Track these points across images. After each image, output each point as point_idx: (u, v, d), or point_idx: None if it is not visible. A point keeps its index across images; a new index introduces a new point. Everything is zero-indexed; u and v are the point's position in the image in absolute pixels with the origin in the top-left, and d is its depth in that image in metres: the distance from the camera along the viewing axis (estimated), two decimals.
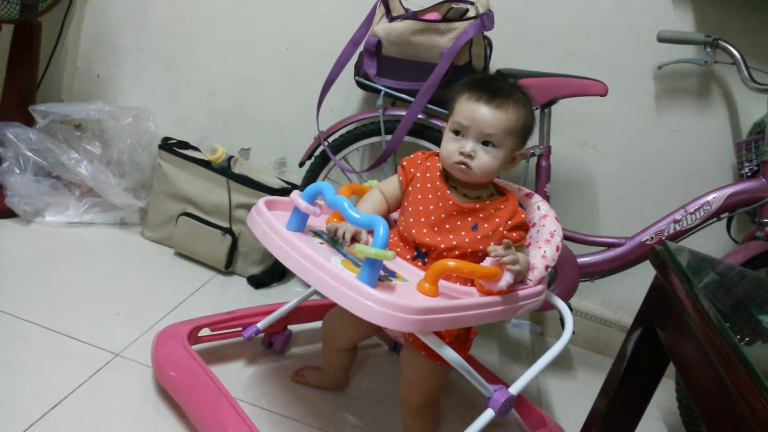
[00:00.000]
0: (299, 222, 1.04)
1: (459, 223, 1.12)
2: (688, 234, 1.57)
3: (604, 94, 1.55)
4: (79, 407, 1.12)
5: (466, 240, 1.10)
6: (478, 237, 1.10)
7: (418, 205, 1.14)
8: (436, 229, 1.11)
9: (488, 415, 1.07)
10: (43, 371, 1.20)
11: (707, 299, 0.77)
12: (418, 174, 1.18)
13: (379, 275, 0.92)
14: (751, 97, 1.67)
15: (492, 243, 1.07)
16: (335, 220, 1.11)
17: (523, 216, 1.15)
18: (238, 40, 2.01)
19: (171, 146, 1.84)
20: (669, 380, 1.79)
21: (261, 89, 2.03)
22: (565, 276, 1.59)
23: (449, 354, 0.99)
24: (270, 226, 1.02)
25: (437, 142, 1.68)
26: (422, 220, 1.12)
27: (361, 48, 1.67)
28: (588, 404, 1.13)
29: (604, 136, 1.85)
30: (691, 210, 1.55)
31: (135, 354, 1.32)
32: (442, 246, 1.10)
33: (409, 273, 1.05)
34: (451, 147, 1.11)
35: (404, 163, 1.21)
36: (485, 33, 1.63)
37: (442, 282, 0.99)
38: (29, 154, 1.81)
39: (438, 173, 1.17)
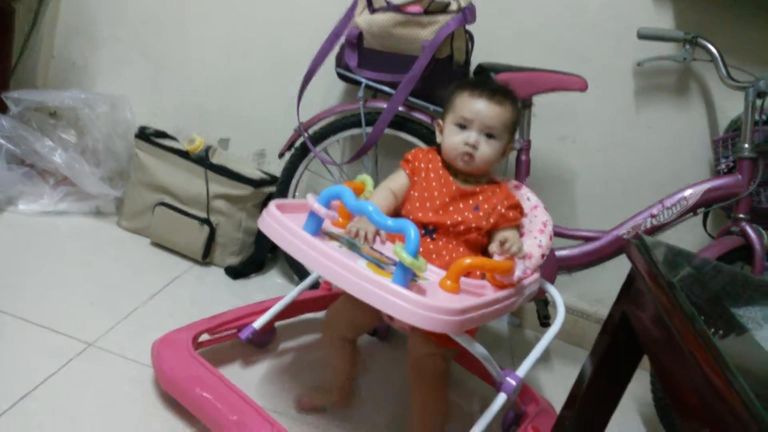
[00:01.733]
0: (316, 226, 1.03)
1: (462, 205, 1.22)
2: (665, 228, 1.59)
3: (584, 90, 1.56)
4: (50, 397, 1.10)
5: (470, 216, 1.21)
6: (481, 214, 1.21)
7: (423, 192, 1.24)
8: (441, 212, 1.21)
9: (502, 399, 1.14)
10: (13, 361, 1.17)
11: (682, 293, 0.77)
12: (422, 165, 1.28)
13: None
14: (729, 94, 1.68)
15: (492, 220, 1.20)
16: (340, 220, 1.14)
17: (516, 199, 1.26)
18: (217, 29, 1.98)
19: (148, 135, 1.82)
20: (644, 372, 1.82)
21: (241, 79, 2.01)
22: (544, 269, 1.60)
23: (478, 349, 1.07)
24: (289, 230, 1.00)
25: (418, 135, 1.67)
26: (427, 204, 1.22)
27: (342, 40, 1.66)
28: (564, 394, 1.14)
29: (584, 131, 1.86)
30: (668, 205, 1.57)
31: (109, 344, 1.30)
32: (448, 222, 1.19)
33: (427, 271, 1.05)
34: (456, 139, 1.22)
35: (408, 157, 1.30)
36: (467, 27, 1.63)
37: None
38: (2, 141, 1.78)
39: (440, 164, 1.27)
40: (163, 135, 1.88)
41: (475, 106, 1.21)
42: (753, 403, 0.55)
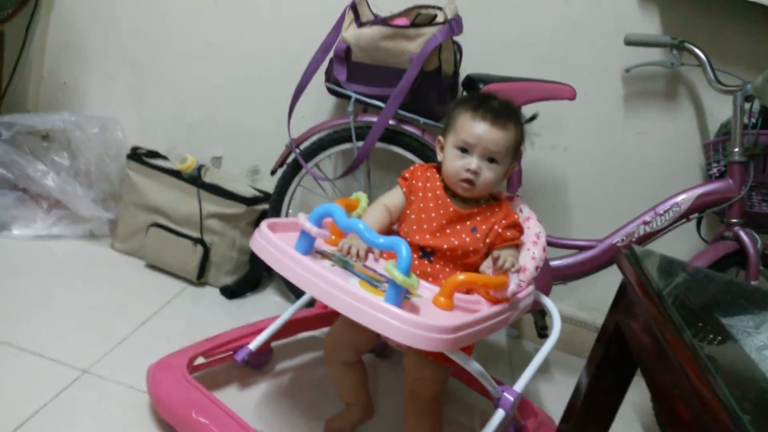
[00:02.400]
0: (307, 245, 1.03)
1: (459, 227, 1.19)
2: (658, 235, 1.59)
3: (572, 98, 1.56)
4: (45, 427, 1.10)
5: (467, 240, 1.17)
6: (478, 236, 1.18)
7: (420, 213, 1.20)
8: (438, 234, 1.18)
9: (500, 415, 1.13)
10: (6, 390, 1.16)
11: (671, 303, 0.77)
12: (420, 184, 1.24)
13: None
14: (718, 98, 1.69)
15: (488, 240, 1.18)
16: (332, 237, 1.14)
17: (515, 217, 1.23)
18: (207, 47, 1.99)
19: (140, 156, 1.82)
20: (643, 381, 1.81)
21: (232, 97, 2.01)
22: (539, 280, 1.59)
23: (474, 366, 1.06)
24: (281, 251, 1.00)
25: (409, 148, 1.67)
26: (424, 226, 1.19)
27: (331, 54, 1.66)
28: (564, 406, 1.14)
29: (575, 139, 1.87)
30: (661, 211, 1.57)
31: (103, 370, 1.29)
32: (445, 246, 1.16)
33: (421, 288, 1.04)
34: (457, 164, 1.18)
35: (406, 175, 1.27)
36: (455, 38, 1.64)
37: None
38: None
39: (438, 183, 1.23)
40: (155, 155, 1.88)
41: (478, 130, 1.16)
42: (737, 415, 0.55)
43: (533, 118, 1.28)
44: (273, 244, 1.01)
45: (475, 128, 1.16)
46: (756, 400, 0.61)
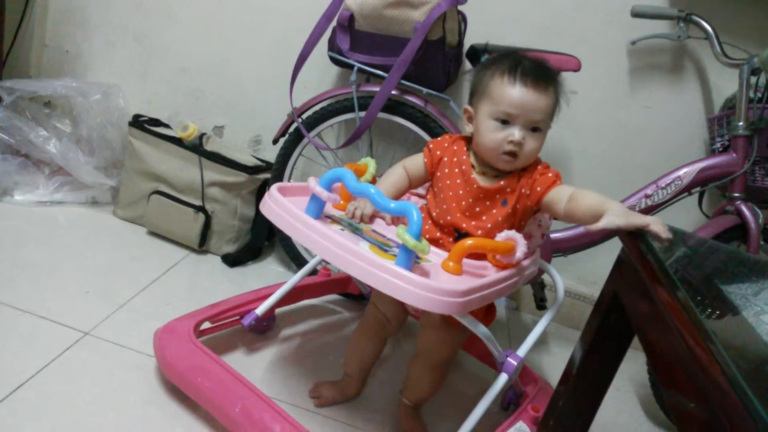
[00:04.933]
0: (317, 209, 1.02)
1: (488, 203, 1.12)
2: (659, 209, 1.58)
3: (577, 70, 1.55)
4: (46, 386, 1.11)
5: (499, 218, 1.11)
6: (510, 210, 1.12)
7: (448, 191, 1.14)
8: (467, 213, 1.12)
9: (503, 379, 1.14)
10: (8, 350, 1.18)
11: (672, 272, 0.77)
12: (445, 158, 1.17)
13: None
14: (724, 72, 1.68)
15: (518, 206, 1.11)
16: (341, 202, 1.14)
17: (540, 167, 1.13)
18: (210, 16, 1.97)
19: (142, 123, 1.81)
20: (641, 354, 1.82)
21: (235, 66, 2.00)
22: (539, 252, 1.60)
23: (481, 329, 1.06)
24: (292, 214, 1.00)
25: (412, 119, 1.66)
26: (454, 205, 1.13)
27: (334, 23, 1.65)
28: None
29: (579, 112, 1.85)
30: (663, 185, 1.56)
31: (105, 333, 1.30)
32: (479, 232, 1.11)
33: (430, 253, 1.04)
34: (497, 136, 1.08)
35: (430, 146, 1.20)
36: (459, 8, 1.62)
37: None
38: None
39: (464, 157, 1.15)
40: (157, 123, 1.87)
41: (519, 99, 1.05)
42: (733, 373, 0.55)
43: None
44: (283, 207, 1.01)
45: (515, 96, 1.06)
46: (753, 362, 0.62)
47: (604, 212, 0.99)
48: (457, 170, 1.14)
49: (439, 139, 1.21)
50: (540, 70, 1.08)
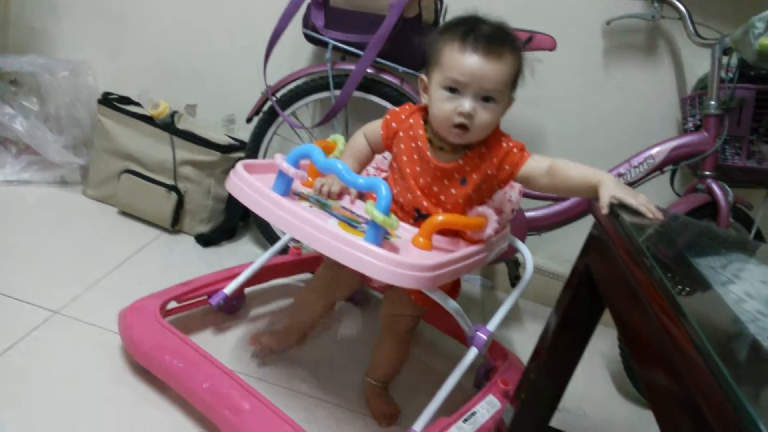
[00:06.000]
0: (285, 186, 1.01)
1: (446, 182, 1.08)
2: (632, 187, 1.59)
3: (552, 49, 1.55)
4: (14, 365, 1.09)
5: (459, 200, 1.08)
6: (470, 191, 1.08)
7: (405, 168, 1.10)
8: (426, 192, 1.09)
9: (473, 353, 1.15)
10: None
11: (645, 246, 0.78)
12: (401, 133, 1.12)
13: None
14: (697, 52, 1.69)
15: (484, 187, 1.08)
16: (311, 179, 1.12)
17: (504, 144, 1.08)
18: None
19: (111, 101, 1.77)
20: (611, 329, 1.85)
21: (207, 44, 1.96)
22: (513, 230, 1.61)
23: (451, 304, 1.06)
24: (258, 191, 0.98)
25: (388, 98, 1.65)
26: (412, 182, 1.09)
27: None
28: None
29: (554, 92, 1.86)
30: (635, 163, 1.58)
31: (75, 312, 1.28)
32: (439, 212, 1.08)
33: (400, 229, 1.05)
34: (446, 107, 1.01)
35: (388, 116, 1.14)
36: None
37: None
38: None
39: (420, 132, 1.09)
40: (127, 101, 1.83)
41: (469, 66, 0.98)
42: (704, 345, 0.55)
43: (530, 40, 1.21)
44: (249, 184, 1.00)
45: (465, 63, 0.98)
46: (722, 332, 0.63)
47: (598, 184, 0.97)
48: (413, 145, 1.10)
49: (398, 109, 1.15)
50: (494, 36, 1.00)
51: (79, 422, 1.01)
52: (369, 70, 1.59)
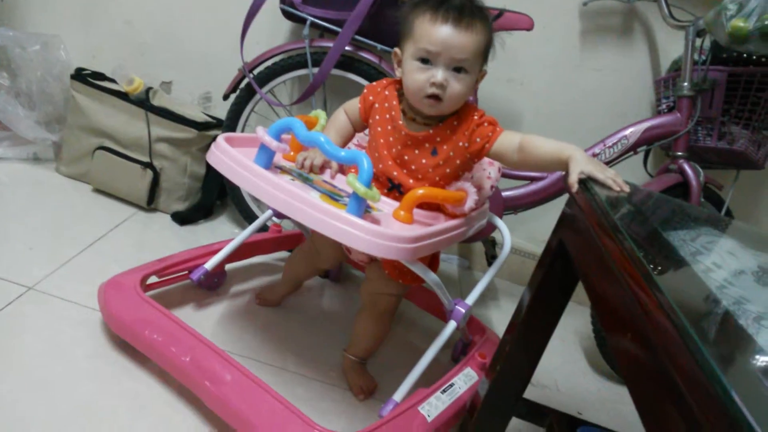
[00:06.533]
0: (267, 159, 1.00)
1: (417, 151, 1.10)
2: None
3: (530, 29, 1.56)
4: None
5: (429, 169, 1.09)
6: (440, 162, 1.09)
7: (379, 138, 1.12)
8: (398, 161, 1.11)
9: (451, 326, 1.18)
10: None
11: (618, 221, 0.80)
12: (377, 105, 1.14)
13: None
14: (671, 35, 1.71)
15: (459, 162, 1.09)
16: (292, 153, 1.13)
17: (476, 116, 1.10)
18: None
19: (85, 77, 1.74)
20: (584, 308, 1.89)
21: (183, 19, 1.93)
22: (490, 209, 1.62)
23: (431, 277, 1.08)
24: (239, 164, 0.97)
25: (366, 76, 1.65)
26: (385, 152, 1.11)
27: None
28: None
29: (532, 73, 1.87)
30: (610, 144, 1.60)
31: (50, 287, 1.26)
32: (411, 182, 1.10)
33: (379, 202, 1.05)
34: (419, 78, 1.03)
35: (365, 91, 1.16)
36: None
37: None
38: None
39: (395, 102, 1.12)
40: (101, 77, 1.80)
41: (440, 35, 1.00)
42: (673, 309, 0.57)
43: (500, 15, 1.23)
44: (231, 156, 0.99)
45: (436, 33, 1.00)
46: (691, 300, 0.65)
47: (568, 159, 0.99)
48: (387, 116, 1.12)
49: (375, 83, 1.17)
50: (465, 7, 1.02)
51: (57, 396, 1.00)
52: (347, 48, 1.58)
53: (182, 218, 1.75)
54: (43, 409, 0.97)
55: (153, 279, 1.30)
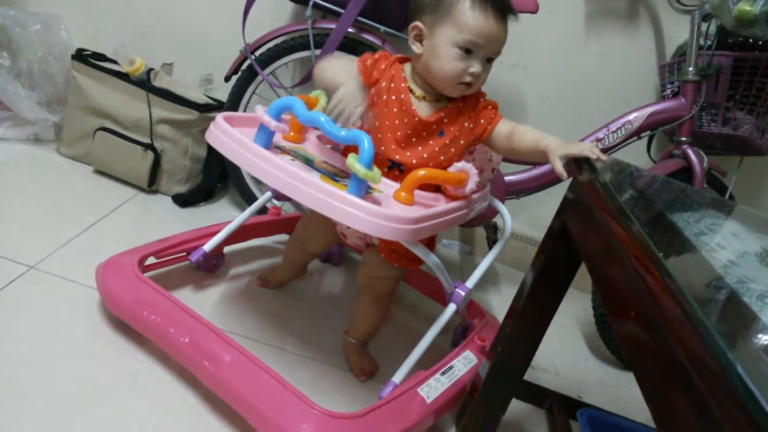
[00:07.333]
0: (266, 139, 0.99)
1: (425, 134, 1.10)
2: (610, 152, 1.62)
3: (534, 11, 1.54)
4: None
5: (436, 149, 1.10)
6: (447, 142, 1.10)
7: (384, 120, 1.09)
8: (403, 145, 1.10)
9: (451, 309, 1.18)
10: None
11: (618, 198, 0.79)
12: (383, 83, 1.10)
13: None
14: (676, 20, 1.70)
15: (462, 142, 1.10)
16: (292, 134, 1.12)
17: (481, 99, 1.12)
18: None
19: (86, 57, 1.73)
20: (584, 294, 1.89)
21: (185, 0, 1.91)
22: (492, 193, 1.62)
23: (432, 259, 1.08)
24: (239, 143, 0.96)
25: None
26: (389, 135, 1.09)
27: None
28: None
29: (536, 59, 1.86)
30: (613, 129, 1.59)
31: (51, 267, 1.26)
32: (414, 161, 1.09)
33: (380, 183, 1.04)
34: (458, 66, 1.03)
35: (368, 62, 1.11)
36: None
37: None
38: None
39: (403, 84, 1.10)
40: (102, 57, 1.79)
41: (489, 30, 1.00)
42: (679, 290, 0.57)
43: None
44: (231, 136, 0.98)
45: (486, 27, 1.00)
46: (697, 280, 0.64)
47: (545, 148, 1.03)
48: (394, 98, 1.09)
49: (376, 56, 1.12)
50: (506, 1, 1.04)
51: (58, 375, 1.00)
52: (350, 30, 1.57)
53: (183, 200, 1.74)
54: (44, 387, 0.97)
55: (151, 260, 1.29)
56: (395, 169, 1.12)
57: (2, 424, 0.89)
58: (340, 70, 1.09)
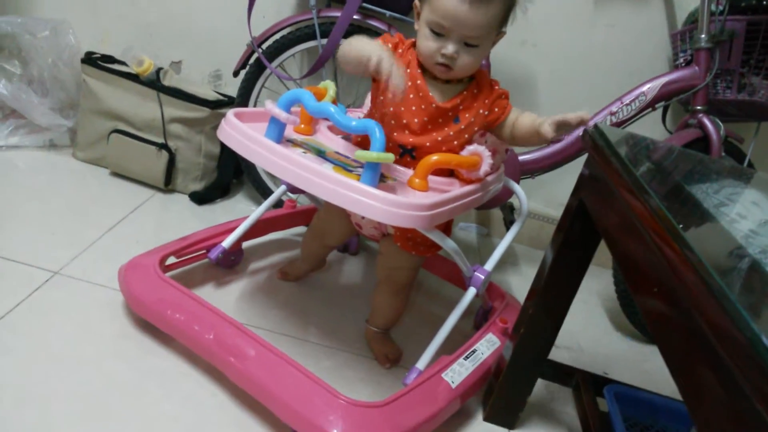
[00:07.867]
0: (278, 132, 1.00)
1: (441, 120, 1.09)
2: (625, 125, 1.60)
3: None
4: (19, 325, 1.10)
5: (450, 134, 1.09)
6: (462, 127, 1.09)
7: (399, 107, 1.08)
8: (419, 132, 1.09)
9: (471, 293, 1.19)
10: None
11: (635, 171, 0.78)
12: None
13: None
14: None
15: (476, 128, 1.11)
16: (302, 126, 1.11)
17: (496, 87, 1.13)
18: None
19: (95, 60, 1.74)
20: (604, 270, 1.88)
21: None
22: (507, 173, 1.61)
23: (449, 244, 1.08)
24: (250, 138, 0.96)
25: None
26: (405, 121, 1.08)
27: None
28: None
29: (544, 34, 1.84)
30: (627, 101, 1.57)
31: (75, 271, 1.28)
32: (428, 144, 1.08)
33: (393, 171, 1.04)
34: (431, 46, 1.03)
35: (389, 45, 1.09)
36: None
37: None
38: None
39: (418, 70, 1.09)
40: (111, 59, 1.80)
41: (454, 11, 0.98)
42: (700, 262, 0.56)
43: None
44: (241, 131, 0.98)
45: (450, 8, 0.98)
46: (718, 252, 0.64)
47: (539, 127, 1.04)
48: (410, 84, 1.08)
49: (396, 39, 1.12)
50: None
51: (88, 377, 1.02)
52: (356, 16, 1.56)
53: (200, 198, 1.76)
54: (77, 389, 0.99)
55: (172, 260, 1.31)
56: (407, 156, 1.11)
57: (40, 427, 0.91)
58: (364, 43, 1.04)
